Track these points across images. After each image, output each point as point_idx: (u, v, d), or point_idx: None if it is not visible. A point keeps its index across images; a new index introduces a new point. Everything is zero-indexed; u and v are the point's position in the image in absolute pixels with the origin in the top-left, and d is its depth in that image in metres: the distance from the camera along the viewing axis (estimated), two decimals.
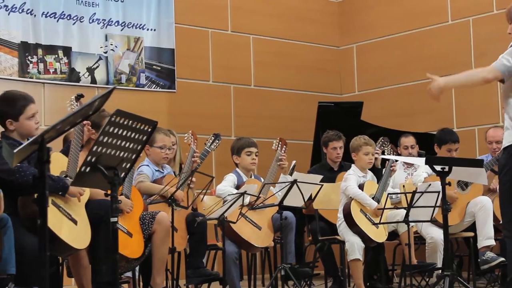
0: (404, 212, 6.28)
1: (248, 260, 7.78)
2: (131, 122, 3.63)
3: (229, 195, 6.33)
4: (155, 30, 9.92)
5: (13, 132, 4.95)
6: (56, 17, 9.19)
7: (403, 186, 6.82)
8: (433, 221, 6.54)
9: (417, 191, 6.21)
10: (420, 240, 7.42)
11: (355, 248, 6.69)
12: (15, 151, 3.00)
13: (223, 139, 7.11)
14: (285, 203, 6.31)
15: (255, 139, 7.33)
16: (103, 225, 5.03)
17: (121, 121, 3.59)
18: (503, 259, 6.79)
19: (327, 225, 7.37)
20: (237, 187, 6.75)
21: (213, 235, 7.49)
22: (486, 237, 7.03)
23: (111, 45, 9.60)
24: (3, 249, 4.40)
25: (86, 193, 5.09)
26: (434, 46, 10.49)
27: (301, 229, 8.00)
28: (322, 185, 6.58)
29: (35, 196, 3.13)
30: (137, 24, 9.79)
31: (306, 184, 6.33)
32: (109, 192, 3.69)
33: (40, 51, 9.04)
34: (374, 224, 6.75)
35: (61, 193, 4.84)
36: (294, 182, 6.24)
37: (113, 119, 3.54)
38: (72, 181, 4.49)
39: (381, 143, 7.36)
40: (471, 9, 10.14)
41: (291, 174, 6.93)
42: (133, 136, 3.68)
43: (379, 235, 6.83)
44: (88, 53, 9.42)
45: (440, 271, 6.69)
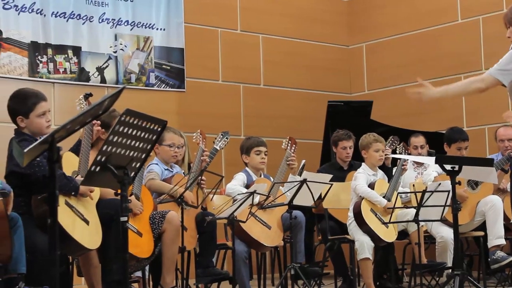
0: (414, 211, 6.27)
1: (257, 259, 7.78)
2: (141, 121, 3.64)
3: (238, 194, 6.33)
4: (164, 29, 9.93)
5: (25, 129, 4.98)
6: (65, 17, 9.21)
7: (413, 185, 6.81)
8: (443, 221, 6.53)
9: (427, 190, 6.20)
10: (430, 239, 7.40)
11: (365, 247, 6.68)
12: (25, 150, 3.01)
13: (232, 138, 7.12)
14: (295, 202, 6.31)
15: (264, 139, 7.33)
16: (114, 224, 5.03)
17: (131, 121, 3.59)
18: None
19: (337, 224, 7.36)
20: (247, 187, 6.75)
21: (223, 234, 7.49)
22: (496, 236, 7.01)
23: (121, 44, 9.61)
24: (14, 248, 4.41)
25: (96, 193, 5.10)
26: (443, 45, 10.46)
27: (310, 229, 8.01)
28: (331, 184, 6.57)
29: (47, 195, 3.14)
30: (147, 23, 9.81)
31: (315, 183, 6.33)
32: (119, 191, 3.69)
33: (50, 51, 9.06)
34: (384, 223, 6.74)
35: (73, 194, 4.85)
36: (303, 181, 6.23)
37: (123, 119, 3.55)
38: (82, 181, 4.50)
39: (391, 142, 7.35)
40: (480, 8, 10.11)
41: (301, 173, 6.92)
42: (143, 135, 3.68)
43: (389, 234, 6.82)
44: (97, 52, 9.44)
45: (450, 270, 6.68)
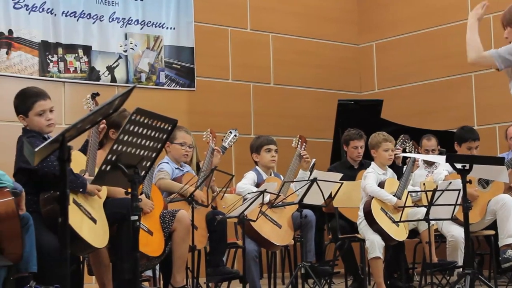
0: (424, 210, 6.26)
1: (268, 258, 7.77)
2: (151, 120, 3.64)
3: (249, 193, 6.33)
4: (174, 28, 9.94)
5: (28, 127, 5.00)
6: (76, 16, 9.23)
7: (424, 184, 6.79)
8: (454, 219, 6.51)
9: (438, 189, 6.18)
10: (440, 238, 7.39)
11: (375, 246, 6.67)
12: (36, 149, 3.01)
13: (242, 137, 7.12)
14: (305, 201, 6.31)
15: (274, 137, 7.33)
16: (125, 223, 5.04)
17: (141, 120, 3.59)
18: None
19: (347, 223, 7.35)
20: (257, 185, 6.75)
21: (233, 233, 7.49)
22: (507, 235, 6.99)
23: (131, 44, 9.63)
24: (25, 247, 4.42)
25: (103, 192, 5.10)
26: (454, 43, 10.43)
27: (321, 227, 8.00)
28: (342, 183, 6.57)
29: (57, 194, 3.14)
30: (157, 23, 9.82)
31: (326, 182, 6.32)
32: (130, 190, 3.70)
33: (60, 50, 9.09)
34: (394, 222, 6.73)
35: (81, 190, 4.86)
36: (314, 180, 6.23)
37: (133, 118, 3.55)
38: (92, 179, 4.50)
39: (401, 141, 7.33)
40: (491, 6, 9.97)
41: (311, 172, 6.92)
42: (153, 134, 3.68)
43: (400, 233, 6.80)
44: (108, 52, 9.45)
45: (461, 269, 6.66)
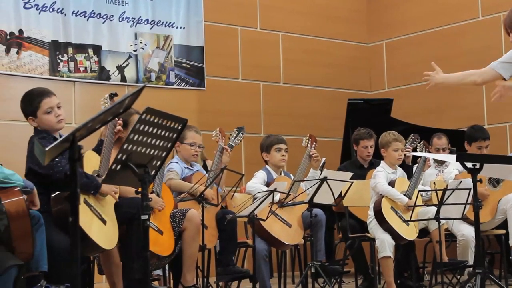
0: (435, 209, 6.25)
1: (278, 257, 7.77)
2: (161, 120, 3.64)
3: (259, 192, 6.33)
4: (184, 28, 9.95)
5: (39, 127, 5.01)
6: (86, 16, 9.24)
7: (434, 183, 6.78)
8: (464, 219, 6.50)
9: (448, 188, 6.17)
10: (451, 237, 7.38)
11: (385, 245, 6.66)
12: (46, 149, 3.02)
13: (252, 137, 7.12)
14: (315, 200, 6.30)
15: (284, 137, 7.32)
16: (135, 223, 5.05)
17: (152, 119, 3.60)
18: None
19: (357, 222, 7.35)
20: (267, 185, 6.75)
21: (243, 232, 7.49)
22: None
23: (141, 43, 9.64)
24: (35, 247, 4.43)
25: (118, 191, 5.11)
26: (464, 42, 10.42)
27: (331, 227, 8.00)
28: (352, 183, 6.56)
29: (68, 193, 3.14)
30: (167, 22, 9.83)
31: (336, 181, 6.32)
32: (140, 189, 3.70)
33: (70, 50, 9.11)
34: (404, 221, 6.72)
35: (92, 192, 4.87)
36: (324, 179, 6.22)
37: (143, 117, 3.55)
38: (103, 179, 4.51)
39: (411, 140, 7.32)
40: (501, 5, 10.05)
41: (321, 171, 6.91)
42: (163, 134, 3.69)
43: (410, 232, 6.79)
44: (118, 51, 9.47)
45: (471, 268, 6.65)
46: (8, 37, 8.71)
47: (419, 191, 6.65)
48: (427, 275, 8.00)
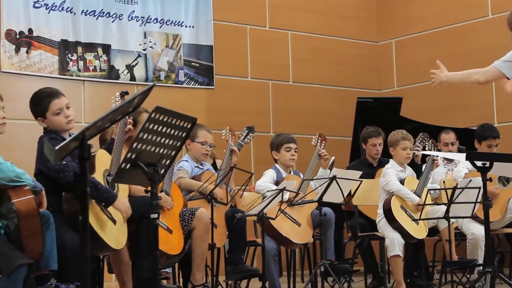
0: (444, 208, 6.23)
1: (287, 256, 7.77)
2: (170, 119, 3.64)
3: (268, 191, 6.33)
4: (193, 27, 9.95)
5: (48, 128, 5.01)
6: (95, 15, 9.26)
7: (444, 182, 6.77)
8: (474, 217, 6.48)
9: (458, 187, 6.15)
10: (461, 236, 7.36)
11: (395, 244, 6.64)
12: (56, 148, 3.02)
13: (261, 135, 7.12)
14: (324, 199, 6.30)
15: (294, 135, 7.32)
16: (144, 221, 5.05)
17: (161, 118, 3.60)
18: None
19: (367, 221, 7.34)
20: (276, 183, 6.74)
21: (253, 231, 7.49)
22: None
23: (150, 42, 9.65)
24: (45, 245, 4.44)
25: (125, 192, 5.10)
26: (474, 41, 10.39)
27: (340, 225, 7.98)
28: (361, 181, 6.55)
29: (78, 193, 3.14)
30: (176, 21, 9.84)
31: (345, 180, 6.31)
32: (149, 188, 3.70)
33: (79, 49, 9.13)
34: (414, 220, 6.71)
35: (103, 204, 4.83)
36: (333, 178, 6.22)
37: (153, 116, 3.55)
38: (113, 179, 4.51)
39: (421, 139, 7.30)
40: (511, 4, 10.03)
41: (330, 170, 6.91)
42: (172, 132, 3.69)
43: (419, 231, 6.78)
44: (127, 50, 9.49)
45: (481, 267, 6.63)
46: (17, 37, 8.73)
47: (429, 190, 6.64)
48: (436, 274, 7.98)
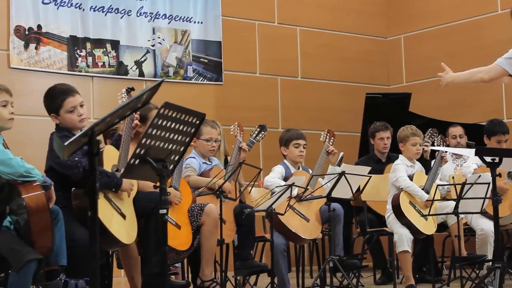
0: (453, 203, 6.23)
1: (296, 252, 7.78)
2: (179, 114, 3.64)
3: (277, 187, 6.33)
4: (202, 22, 9.95)
5: (61, 124, 5.02)
6: (104, 11, 9.27)
7: (453, 177, 6.76)
8: (483, 213, 6.47)
9: (467, 182, 6.15)
10: (470, 232, 7.35)
11: (403, 240, 6.64)
12: (65, 143, 3.03)
13: (270, 131, 7.11)
14: (333, 195, 6.29)
15: (302, 131, 7.31)
16: (153, 217, 5.06)
17: (170, 114, 3.60)
18: None
19: (376, 216, 7.34)
20: (285, 179, 6.74)
21: (261, 227, 7.50)
22: None
23: (159, 38, 9.66)
24: (55, 241, 4.45)
25: (134, 188, 5.12)
26: (483, 36, 10.36)
27: (349, 221, 7.99)
28: (370, 177, 6.55)
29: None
30: (184, 17, 9.84)
31: (354, 175, 6.30)
32: (158, 184, 3.71)
33: (88, 45, 9.14)
34: (423, 216, 6.70)
35: (114, 190, 4.88)
36: (342, 174, 6.21)
37: (161, 112, 3.56)
38: (121, 174, 4.52)
39: (430, 134, 7.29)
40: None
41: (339, 165, 6.90)
42: (181, 128, 3.69)
43: (428, 227, 6.77)
44: (136, 46, 9.49)
45: (490, 263, 6.62)
46: (26, 33, 8.75)
47: (438, 185, 6.63)
48: (445, 270, 7.98)
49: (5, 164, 4.35)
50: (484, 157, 5.18)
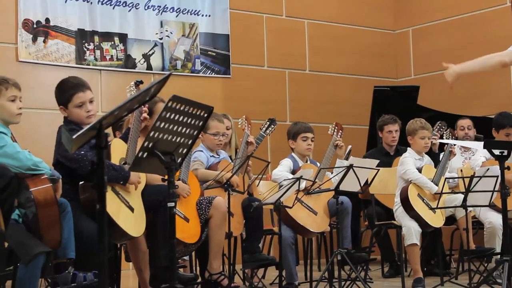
0: (462, 196, 6.22)
1: (304, 245, 7.78)
2: (187, 107, 3.64)
3: (285, 180, 6.32)
4: (210, 16, 9.95)
5: (69, 118, 5.02)
6: (112, 4, 9.27)
7: (461, 170, 6.74)
8: (492, 206, 6.46)
9: (475, 175, 6.13)
10: (478, 225, 7.34)
11: (412, 233, 6.63)
12: (74, 137, 3.03)
13: (278, 124, 7.11)
14: (341, 188, 6.28)
15: (310, 124, 7.31)
16: (161, 210, 5.06)
17: (178, 107, 3.60)
18: None
19: (384, 210, 7.34)
20: (293, 172, 6.73)
21: (269, 220, 7.50)
22: None
23: (166, 31, 9.66)
24: (63, 234, 4.46)
25: (142, 181, 5.12)
26: (492, 29, 10.33)
27: (357, 214, 7.99)
28: (378, 170, 6.54)
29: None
30: (192, 10, 9.83)
31: (362, 168, 6.29)
32: (166, 177, 3.71)
33: (96, 38, 9.14)
34: (431, 208, 6.69)
35: (122, 183, 4.89)
36: (350, 167, 6.20)
37: (169, 105, 3.56)
38: (129, 167, 4.52)
39: (438, 127, 7.28)
40: None
41: (347, 158, 6.90)
42: (189, 121, 3.69)
43: (437, 220, 6.76)
44: (143, 39, 9.50)
45: (498, 256, 6.61)
46: (35, 26, 8.76)
47: (446, 178, 6.62)
48: (454, 263, 7.98)
49: (13, 157, 4.36)
50: (492, 150, 5.17)
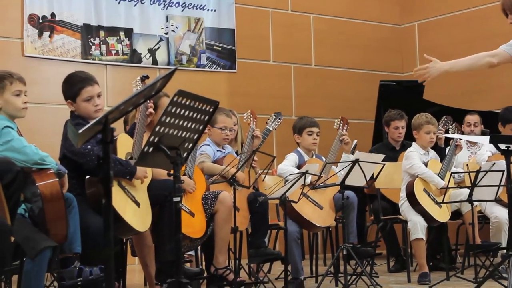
0: (467, 191, 6.21)
1: (309, 239, 7.78)
2: (193, 102, 3.64)
3: (290, 174, 6.32)
4: (215, 10, 9.94)
5: (76, 112, 5.03)
6: None
7: (467, 165, 6.73)
8: (498, 201, 6.45)
9: (481, 170, 6.13)
10: (484, 219, 7.33)
11: (417, 227, 6.63)
12: (80, 131, 3.03)
13: (283, 119, 7.11)
14: (347, 182, 6.28)
15: (316, 119, 7.30)
16: (167, 205, 5.07)
17: (183, 102, 3.60)
18: None
19: (389, 204, 7.33)
20: (299, 167, 6.73)
21: (275, 214, 7.50)
22: None
23: (172, 26, 9.65)
24: (69, 228, 4.47)
25: (149, 176, 5.12)
26: (497, 23, 10.24)
27: (363, 209, 7.99)
28: (384, 165, 6.53)
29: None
30: (198, 4, 9.83)
31: (368, 163, 6.29)
32: (172, 172, 3.71)
33: (102, 33, 9.15)
34: (437, 203, 6.69)
35: (128, 178, 4.89)
36: (356, 161, 6.20)
37: (175, 100, 3.56)
38: (135, 161, 4.52)
39: (444, 122, 7.27)
40: None
41: (353, 153, 6.89)
42: (195, 116, 3.69)
43: (442, 214, 6.76)
44: (149, 34, 9.50)
45: (504, 250, 6.61)
46: (40, 21, 8.76)
47: (452, 173, 6.61)
48: (459, 257, 7.97)
49: (20, 151, 4.36)
50: (498, 144, 5.16)
